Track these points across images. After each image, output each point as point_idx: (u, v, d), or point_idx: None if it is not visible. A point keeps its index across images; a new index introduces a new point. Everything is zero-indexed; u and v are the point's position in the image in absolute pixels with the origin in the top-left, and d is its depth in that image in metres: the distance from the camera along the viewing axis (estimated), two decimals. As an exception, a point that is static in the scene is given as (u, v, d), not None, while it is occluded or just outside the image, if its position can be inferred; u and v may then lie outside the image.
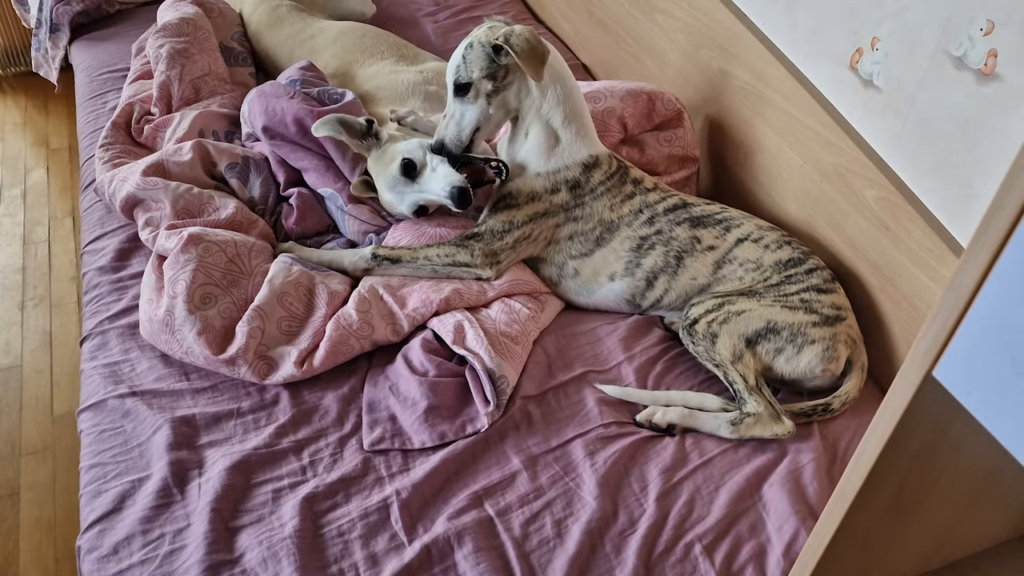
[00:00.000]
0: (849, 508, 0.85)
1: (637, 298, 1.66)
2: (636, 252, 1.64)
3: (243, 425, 1.44)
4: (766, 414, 1.43)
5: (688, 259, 1.62)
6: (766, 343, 1.49)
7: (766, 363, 1.50)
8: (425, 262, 1.63)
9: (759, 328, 1.50)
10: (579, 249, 1.67)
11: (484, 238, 1.63)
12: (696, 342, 1.52)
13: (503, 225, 1.64)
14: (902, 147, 1.50)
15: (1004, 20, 1.25)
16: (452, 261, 1.63)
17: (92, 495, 1.34)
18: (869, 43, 1.52)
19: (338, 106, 1.80)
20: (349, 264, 1.66)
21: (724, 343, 1.49)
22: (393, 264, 1.64)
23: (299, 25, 2.24)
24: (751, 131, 1.86)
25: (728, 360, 1.48)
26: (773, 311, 1.51)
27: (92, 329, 1.61)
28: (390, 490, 1.34)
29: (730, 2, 1.88)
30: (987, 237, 0.63)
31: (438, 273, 1.64)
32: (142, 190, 1.73)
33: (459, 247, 1.63)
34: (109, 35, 2.50)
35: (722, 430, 1.45)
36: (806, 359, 1.49)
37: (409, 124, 1.84)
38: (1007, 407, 0.64)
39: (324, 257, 1.68)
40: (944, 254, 1.41)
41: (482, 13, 2.69)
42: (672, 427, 1.46)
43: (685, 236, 1.62)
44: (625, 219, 1.65)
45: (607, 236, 1.65)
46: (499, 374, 1.46)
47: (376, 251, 1.64)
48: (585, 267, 1.67)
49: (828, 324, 1.51)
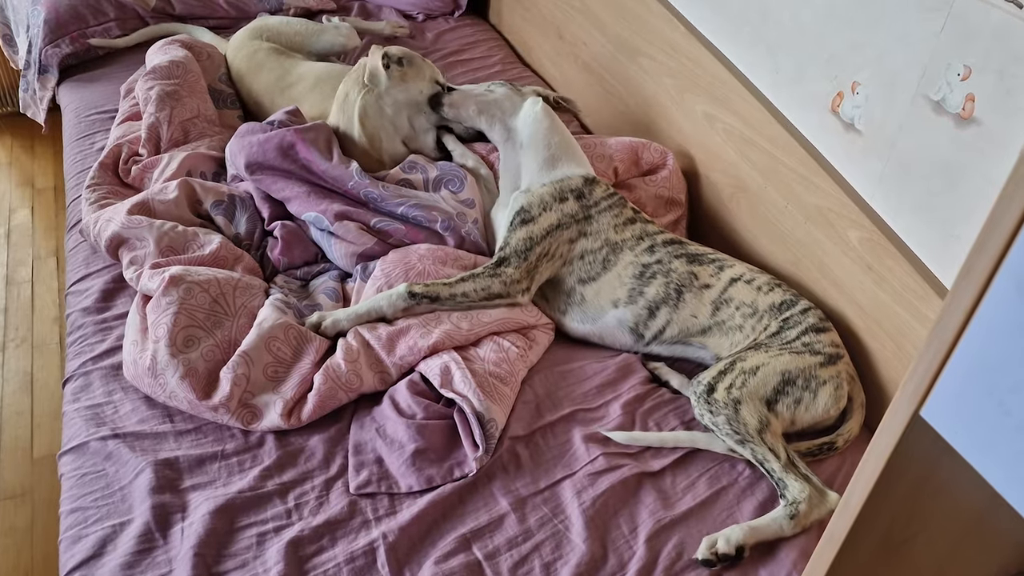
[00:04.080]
0: (839, 550, 0.84)
1: (640, 327, 1.67)
2: (639, 280, 1.66)
3: (227, 468, 1.42)
4: (812, 492, 1.37)
5: (687, 294, 1.63)
6: (785, 398, 1.47)
7: (787, 419, 1.48)
8: (463, 299, 1.64)
9: (776, 384, 1.47)
10: (588, 271, 1.70)
11: (512, 262, 1.67)
12: (716, 411, 1.45)
13: (525, 243, 1.68)
14: (884, 189, 1.52)
15: (981, 66, 1.28)
16: (487, 295, 1.65)
17: (72, 540, 1.31)
18: (850, 87, 1.55)
19: (309, 124, 1.87)
20: (388, 307, 1.61)
21: (749, 410, 1.44)
22: (432, 302, 1.63)
23: (278, 72, 2.22)
24: (736, 173, 1.88)
25: (756, 430, 1.42)
26: (783, 360, 1.49)
27: (75, 370, 1.59)
28: (376, 533, 1.32)
29: (713, 47, 1.92)
30: (970, 278, 0.63)
31: (474, 307, 1.65)
32: (127, 229, 1.73)
33: (492, 278, 1.65)
34: (97, 77, 2.51)
35: (786, 530, 1.34)
36: (822, 401, 1.49)
37: None
38: (994, 446, 0.64)
39: (361, 311, 1.62)
40: (927, 294, 1.42)
41: (470, 56, 2.73)
42: (742, 549, 1.32)
43: (683, 270, 1.65)
44: (628, 243, 1.70)
45: (612, 258, 1.69)
46: (488, 417, 1.45)
47: (412, 289, 1.61)
48: (591, 293, 1.69)
49: (832, 363, 1.52)
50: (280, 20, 2.42)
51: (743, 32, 1.82)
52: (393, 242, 1.77)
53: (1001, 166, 1.28)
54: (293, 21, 2.43)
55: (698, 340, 1.65)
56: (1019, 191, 0.59)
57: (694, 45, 1.94)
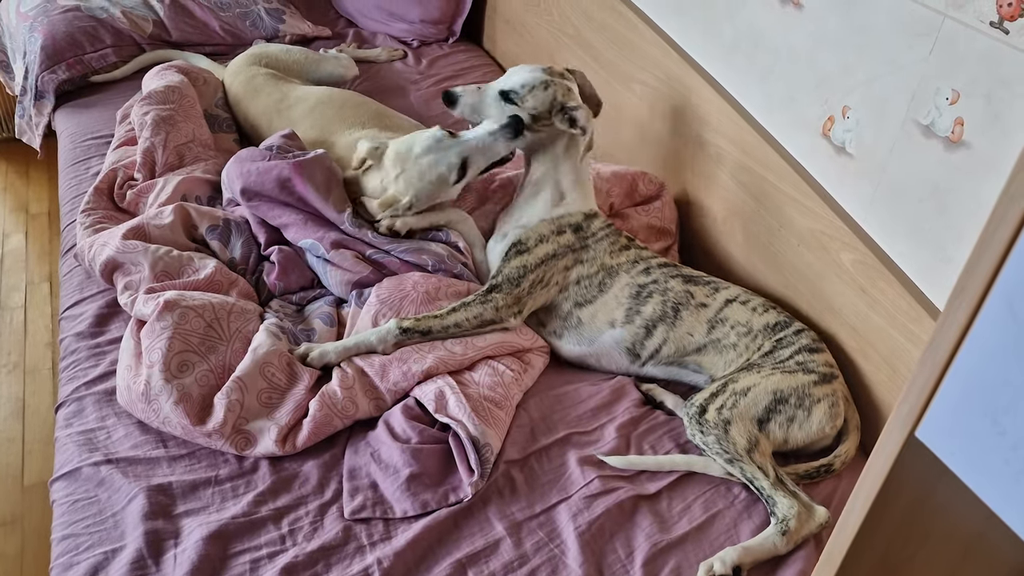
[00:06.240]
0: (837, 571, 0.84)
1: (636, 347, 1.67)
2: (635, 299, 1.67)
3: (221, 493, 1.41)
4: (800, 508, 1.38)
5: (684, 312, 1.65)
6: (777, 416, 1.48)
7: (780, 438, 1.49)
8: (455, 328, 1.64)
9: (768, 403, 1.48)
10: (584, 295, 1.71)
11: (503, 288, 1.68)
12: (707, 431, 1.47)
13: (518, 271, 1.69)
14: (875, 212, 1.53)
15: (969, 90, 1.30)
16: (480, 322, 1.65)
17: (63, 567, 1.30)
18: (840, 111, 1.56)
19: (308, 157, 1.82)
20: (378, 342, 1.60)
21: (738, 430, 1.45)
22: (424, 336, 1.62)
23: (276, 95, 2.22)
24: (728, 196, 1.90)
25: (744, 449, 1.44)
26: (775, 380, 1.50)
27: (68, 395, 1.58)
28: (371, 559, 1.31)
29: (705, 72, 1.94)
30: (963, 299, 0.64)
31: (467, 335, 1.65)
32: (122, 253, 1.73)
33: (483, 305, 1.65)
34: (93, 102, 2.52)
35: (780, 547, 1.36)
36: (816, 420, 1.49)
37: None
38: (990, 466, 0.64)
39: (350, 345, 1.61)
40: (920, 316, 1.43)
41: (464, 82, 2.75)
42: (739, 569, 1.33)
43: (680, 289, 1.67)
44: (624, 266, 1.71)
45: (608, 281, 1.70)
46: (483, 442, 1.44)
47: (402, 324, 1.60)
48: (587, 315, 1.70)
49: (827, 382, 1.53)
50: (280, 48, 2.44)
51: (735, 57, 1.84)
52: (387, 272, 1.77)
53: (991, 188, 1.30)
54: (293, 50, 2.45)
55: (693, 360, 1.65)
56: (1009, 212, 0.60)
57: (687, 71, 1.96)
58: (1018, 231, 0.60)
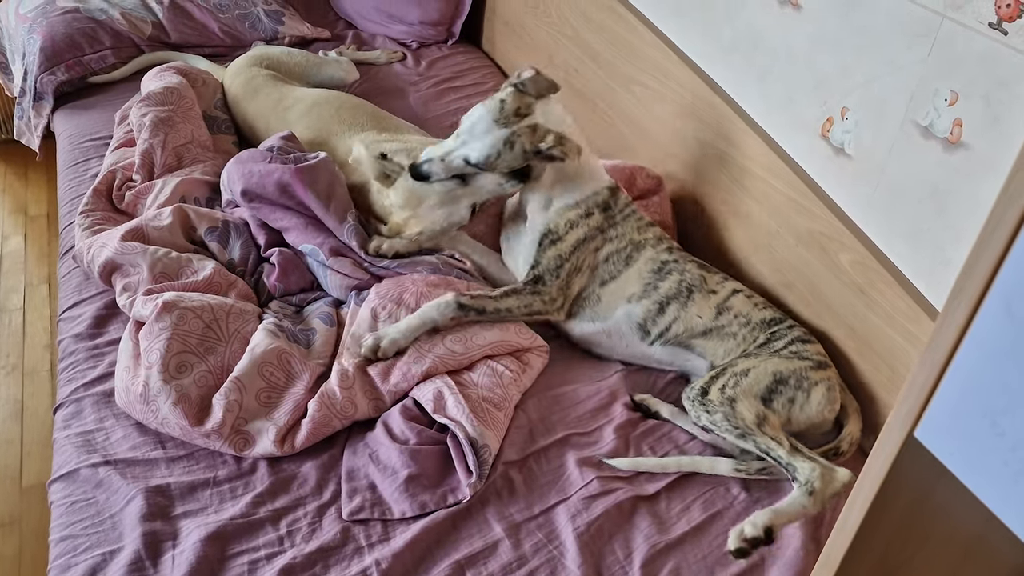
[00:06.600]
0: (835, 573, 0.84)
1: (648, 323, 1.69)
2: (656, 274, 1.70)
3: (219, 494, 1.41)
4: (823, 470, 1.39)
5: (696, 294, 1.67)
6: (779, 396, 1.51)
7: (784, 417, 1.51)
8: (507, 313, 1.67)
9: (769, 383, 1.51)
10: (610, 272, 1.73)
11: (547, 280, 1.70)
12: (712, 411, 1.48)
13: (555, 261, 1.70)
14: (874, 213, 1.53)
15: (967, 91, 1.30)
16: (529, 311, 1.68)
17: (61, 569, 1.29)
18: (839, 112, 1.56)
19: (311, 163, 1.82)
20: (439, 316, 1.62)
21: (744, 406, 1.47)
22: (479, 314, 1.65)
23: (275, 96, 2.22)
24: (727, 197, 1.90)
25: (754, 424, 1.45)
26: (773, 363, 1.54)
27: (66, 397, 1.58)
28: (370, 560, 1.31)
29: (705, 74, 1.94)
30: (961, 299, 0.64)
31: (511, 321, 1.68)
32: (120, 255, 1.72)
33: (533, 295, 1.68)
34: (92, 104, 2.52)
35: (808, 507, 1.36)
36: (816, 401, 1.52)
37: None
38: (989, 466, 0.64)
39: (414, 323, 1.60)
40: (919, 316, 1.43)
41: (463, 83, 2.75)
42: (770, 531, 1.33)
43: (696, 272, 1.70)
44: (651, 241, 1.74)
45: (636, 255, 1.73)
46: (482, 443, 1.44)
47: (460, 300, 1.63)
48: (608, 291, 1.72)
49: (822, 368, 1.56)
50: (282, 50, 2.44)
51: (734, 59, 1.84)
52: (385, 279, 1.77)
53: (989, 189, 1.30)
54: (294, 52, 2.45)
55: (698, 343, 1.66)
56: (1007, 213, 0.60)
57: (685, 72, 1.96)
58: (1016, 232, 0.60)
